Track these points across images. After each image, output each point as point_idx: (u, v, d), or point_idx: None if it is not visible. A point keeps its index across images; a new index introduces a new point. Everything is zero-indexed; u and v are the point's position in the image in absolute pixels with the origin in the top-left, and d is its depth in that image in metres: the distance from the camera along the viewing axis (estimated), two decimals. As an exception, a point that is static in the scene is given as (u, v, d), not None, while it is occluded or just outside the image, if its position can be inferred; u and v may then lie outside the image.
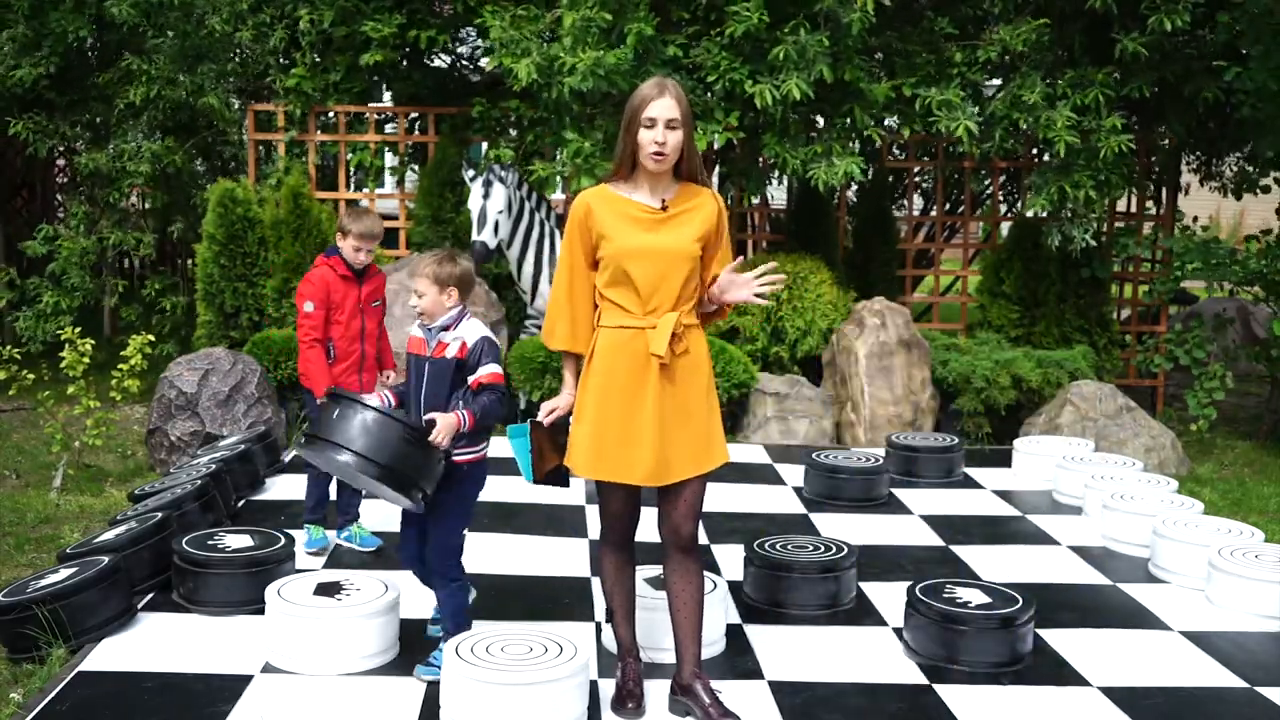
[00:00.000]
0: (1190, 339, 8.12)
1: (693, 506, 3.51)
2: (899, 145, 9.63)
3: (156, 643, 4.04)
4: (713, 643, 4.04)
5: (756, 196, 8.88)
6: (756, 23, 6.83)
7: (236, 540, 4.52)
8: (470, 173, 7.40)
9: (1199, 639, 4.38)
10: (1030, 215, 8.28)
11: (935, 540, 5.52)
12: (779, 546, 4.69)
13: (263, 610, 4.03)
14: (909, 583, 4.34)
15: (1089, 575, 5.11)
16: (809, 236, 8.70)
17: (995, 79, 8.10)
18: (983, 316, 8.70)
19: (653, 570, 4.13)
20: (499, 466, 6.54)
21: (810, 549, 4.68)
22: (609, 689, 3.70)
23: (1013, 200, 10.81)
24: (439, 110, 8.64)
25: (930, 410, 7.57)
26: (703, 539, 5.29)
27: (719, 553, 5.18)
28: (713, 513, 5.65)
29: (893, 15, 7.40)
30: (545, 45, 7.07)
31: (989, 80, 7.95)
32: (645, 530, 3.75)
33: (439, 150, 8.40)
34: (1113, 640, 4.35)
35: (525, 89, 7.15)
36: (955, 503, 6.19)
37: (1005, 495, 6.38)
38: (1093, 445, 6.89)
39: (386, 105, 9.26)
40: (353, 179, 9.73)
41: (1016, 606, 4.10)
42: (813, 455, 6.32)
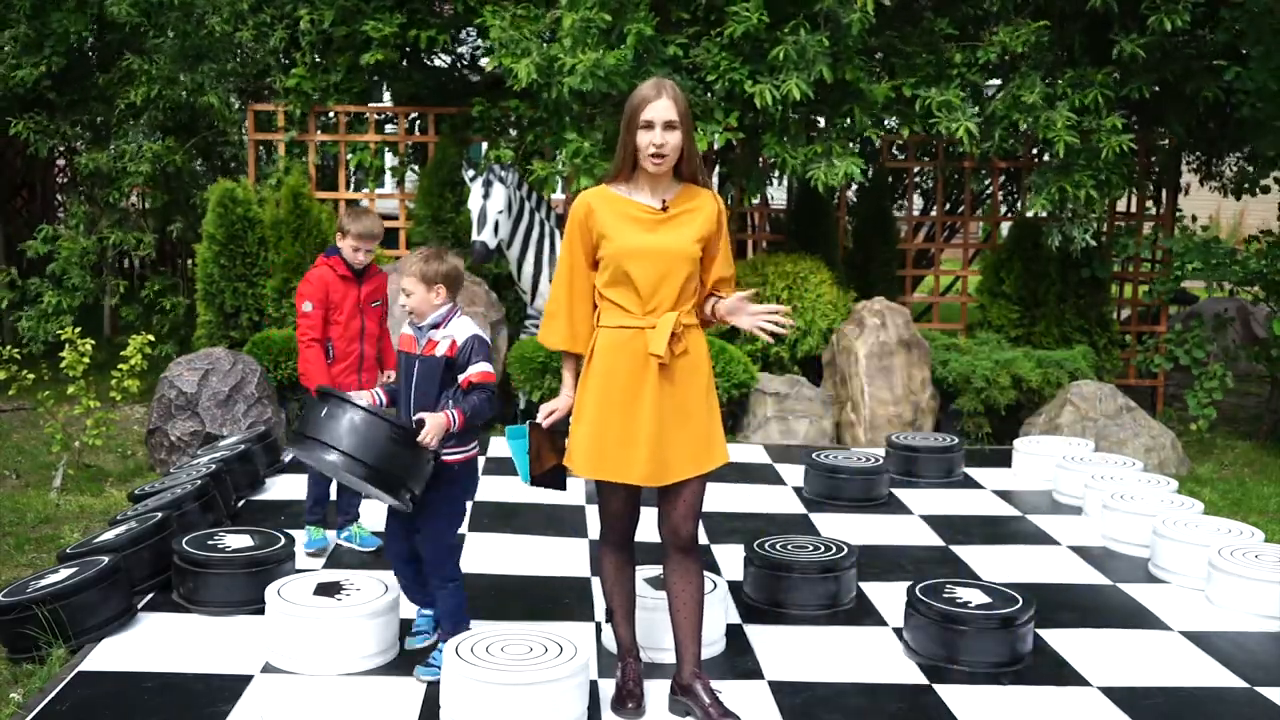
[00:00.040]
0: (1190, 339, 8.12)
1: (692, 507, 3.51)
2: (899, 145, 9.63)
3: (156, 643, 4.04)
4: (713, 643, 4.04)
5: (756, 197, 8.88)
6: (756, 23, 6.83)
7: (236, 540, 4.52)
8: (470, 173, 7.40)
9: (1199, 639, 4.38)
10: (1030, 215, 8.28)
11: (935, 540, 5.52)
12: (779, 546, 4.69)
13: (263, 610, 4.03)
14: (909, 583, 4.34)
15: (1089, 575, 5.11)
16: (809, 236, 8.70)
17: (995, 79, 8.09)
18: (983, 316, 8.69)
19: (653, 570, 4.13)
20: (499, 466, 6.56)
21: (810, 549, 4.68)
22: (609, 689, 3.70)
23: (1013, 200, 10.81)
24: (439, 110, 8.64)
25: (930, 410, 7.57)
26: (703, 539, 5.29)
27: (719, 553, 5.18)
28: (713, 513, 5.65)
29: (892, 15, 7.40)
30: (545, 45, 7.06)
31: (989, 80, 7.95)
32: (645, 530, 3.75)
33: (439, 150, 8.40)
34: (1113, 640, 4.35)
35: (525, 89, 7.15)
36: (955, 503, 6.19)
37: (1005, 495, 6.38)
38: (1093, 445, 6.89)
39: (386, 105, 9.26)
40: (353, 179, 9.73)
41: (1016, 606, 4.10)
42: (813, 455, 6.32)
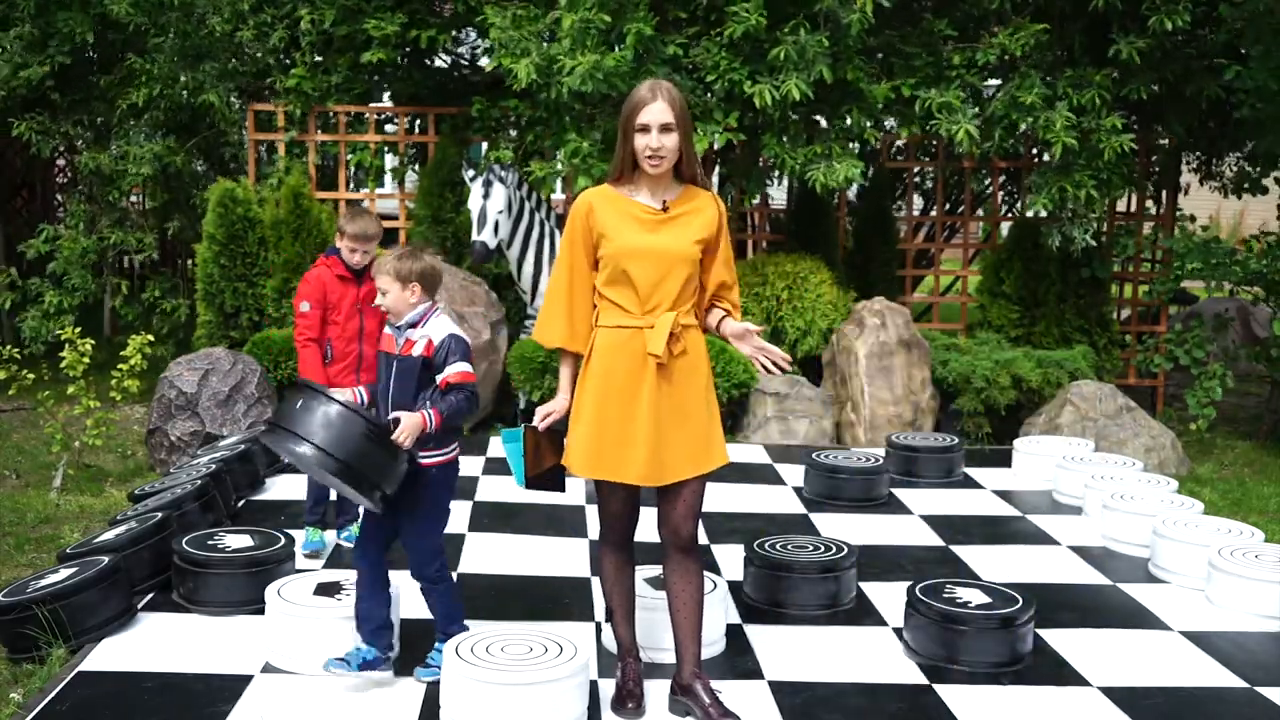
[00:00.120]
0: (1190, 339, 8.11)
1: (692, 507, 3.50)
2: (899, 146, 9.64)
3: (156, 643, 4.04)
4: (713, 643, 4.03)
5: (756, 197, 8.88)
6: (756, 23, 6.82)
7: (236, 540, 4.52)
8: (470, 173, 7.40)
9: (1199, 639, 4.38)
10: (1030, 215, 8.27)
11: (935, 540, 5.52)
12: (779, 546, 4.69)
13: (263, 610, 4.04)
14: (909, 583, 4.34)
15: (1089, 575, 5.11)
16: (809, 236, 8.69)
17: (995, 79, 8.09)
18: (983, 316, 8.69)
19: (653, 570, 4.13)
20: (499, 466, 6.56)
21: (810, 549, 4.68)
22: (609, 689, 3.70)
23: (1013, 200, 10.81)
24: (439, 110, 8.64)
25: (930, 410, 7.57)
26: (703, 539, 5.29)
27: (719, 553, 5.18)
28: (713, 513, 5.65)
29: (891, 16, 7.39)
30: (545, 46, 7.06)
31: (988, 81, 7.94)
32: (645, 530, 3.75)
33: (439, 150, 8.40)
34: (1113, 640, 4.35)
35: (525, 89, 7.15)
36: (955, 503, 6.19)
37: (1005, 495, 6.38)
38: (1093, 445, 6.89)
39: (386, 105, 9.26)
40: (353, 179, 9.73)
41: (1016, 606, 4.10)
42: (813, 455, 6.32)
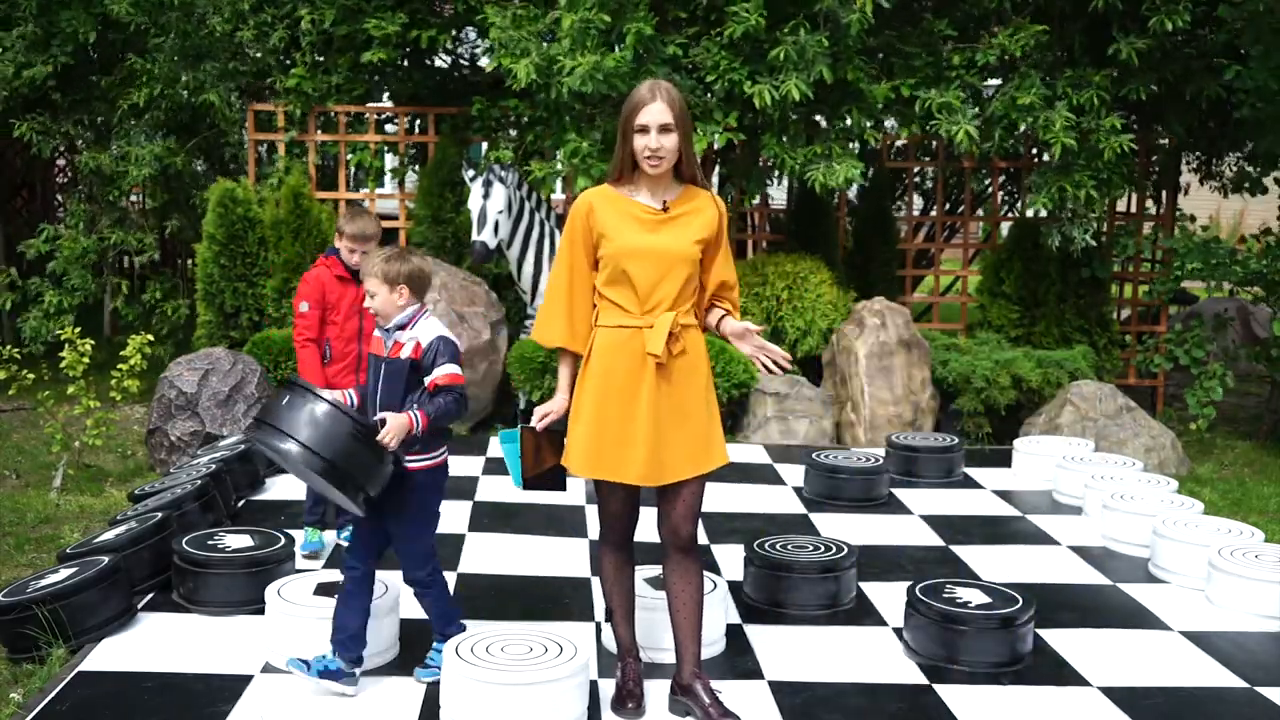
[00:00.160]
0: (1190, 339, 8.11)
1: (691, 507, 3.50)
2: (899, 146, 9.63)
3: (156, 643, 4.05)
4: (713, 643, 4.03)
5: (756, 198, 8.88)
6: (756, 23, 6.82)
7: (236, 540, 4.52)
8: (470, 173, 7.40)
9: (1199, 639, 4.38)
10: (1030, 215, 8.27)
11: (935, 540, 5.52)
12: (779, 546, 4.69)
13: (263, 610, 4.04)
14: (909, 583, 4.34)
15: (1089, 575, 5.11)
16: (809, 236, 8.69)
17: (995, 79, 8.09)
18: (983, 316, 8.69)
19: (653, 570, 4.13)
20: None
21: (810, 549, 4.68)
22: (609, 689, 3.70)
23: (1013, 200, 10.81)
24: (439, 110, 8.64)
25: (930, 410, 7.57)
26: (703, 539, 5.29)
27: (719, 553, 5.18)
28: (713, 513, 5.65)
29: (891, 16, 7.39)
30: (545, 46, 7.06)
31: (988, 81, 7.94)
32: (645, 530, 3.75)
33: (439, 150, 8.40)
34: (1113, 640, 4.35)
35: (524, 89, 7.15)
36: (955, 503, 6.19)
37: (1005, 495, 6.38)
38: (1093, 445, 6.89)
39: (386, 105, 9.26)
40: (353, 179, 9.73)
41: (1016, 606, 4.10)
42: (813, 455, 6.32)
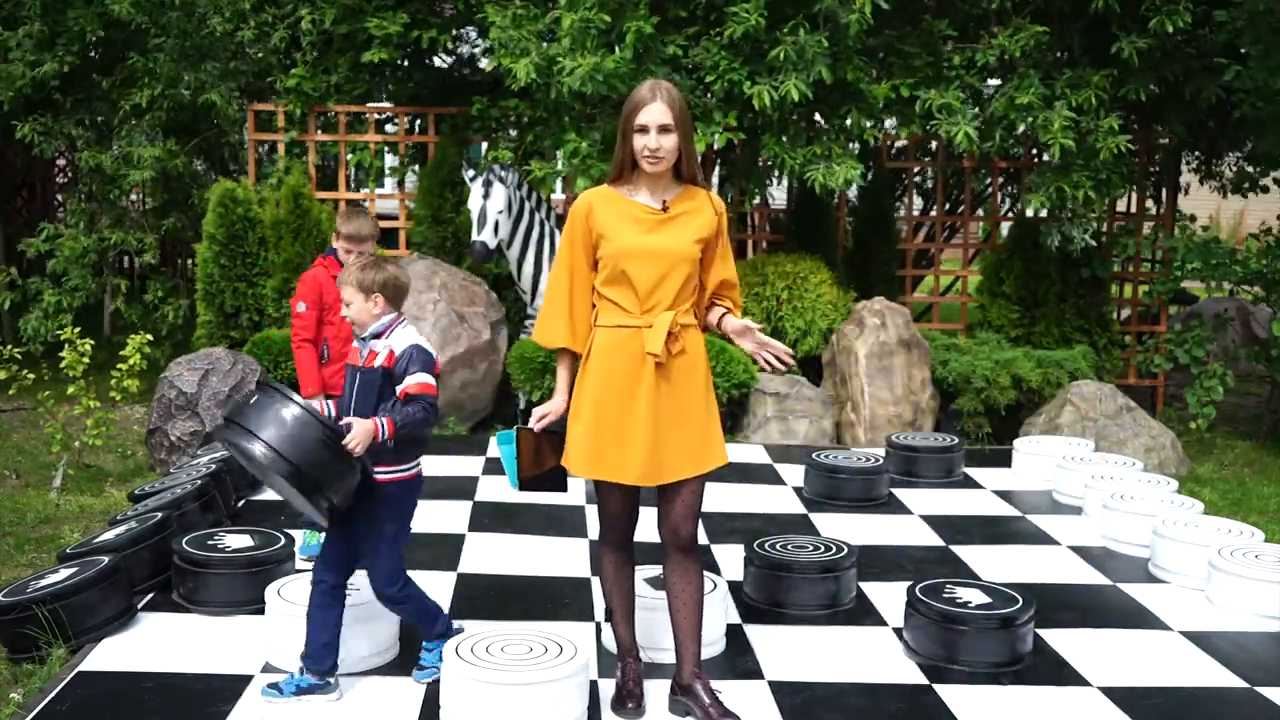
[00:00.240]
0: (1190, 339, 8.11)
1: (691, 507, 3.50)
2: (899, 146, 9.62)
3: (156, 643, 4.05)
4: (713, 643, 4.03)
5: (756, 198, 8.88)
6: (756, 23, 6.82)
7: (236, 540, 4.53)
8: (470, 173, 7.40)
9: (1199, 639, 4.38)
10: (1030, 215, 8.27)
11: (935, 540, 5.52)
12: (779, 546, 4.69)
13: (263, 610, 4.04)
14: (909, 583, 4.34)
15: (1089, 575, 5.11)
16: (809, 236, 8.69)
17: (995, 79, 8.09)
18: (983, 316, 8.69)
19: (653, 570, 4.13)
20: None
21: (810, 549, 4.68)
22: (609, 689, 3.70)
23: (1013, 200, 10.81)
24: (439, 110, 8.64)
25: (930, 410, 7.57)
26: (703, 539, 5.29)
27: (719, 553, 5.18)
28: (713, 513, 5.65)
29: (891, 16, 7.39)
30: (544, 45, 7.06)
31: (988, 81, 7.94)
32: (645, 530, 3.75)
33: (439, 150, 8.40)
34: (1113, 640, 4.35)
35: (524, 89, 7.15)
36: (955, 503, 6.19)
37: (1005, 495, 6.38)
38: (1093, 445, 6.88)
39: (386, 105, 9.26)
40: (353, 179, 9.73)
41: (1016, 606, 4.10)
42: (813, 455, 6.32)
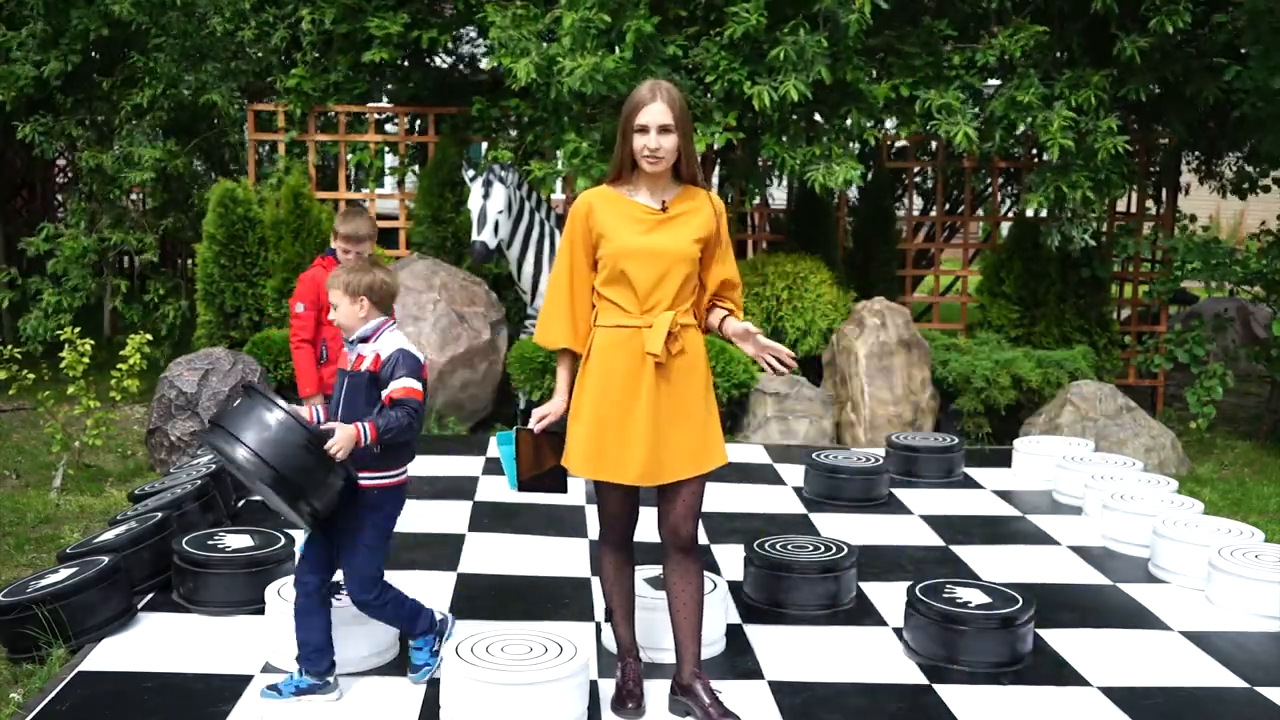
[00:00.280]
0: (1190, 339, 8.11)
1: (691, 507, 3.51)
2: (899, 146, 9.62)
3: (156, 643, 4.05)
4: (713, 643, 4.04)
5: (756, 198, 8.88)
6: (756, 23, 6.82)
7: (236, 540, 4.53)
8: (470, 173, 7.40)
9: (1199, 639, 4.38)
10: (1030, 215, 8.27)
11: (935, 540, 5.52)
12: (779, 546, 4.69)
13: (263, 610, 4.04)
14: (909, 583, 4.35)
15: (1089, 575, 5.11)
16: (809, 236, 8.69)
17: (995, 80, 8.09)
18: (983, 316, 8.69)
19: (653, 570, 4.13)
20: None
21: (810, 549, 4.68)
22: (609, 689, 3.71)
23: (1014, 200, 10.81)
24: (439, 110, 8.64)
25: (930, 410, 7.57)
26: (703, 539, 5.29)
27: (719, 553, 5.18)
28: (713, 513, 5.65)
29: (891, 16, 7.39)
30: (544, 45, 7.06)
31: (988, 81, 7.94)
32: (645, 530, 3.75)
33: (439, 150, 8.40)
34: (1113, 640, 4.35)
35: (524, 88, 7.15)
36: (955, 503, 6.19)
37: (1005, 495, 6.38)
38: (1093, 445, 6.88)
39: (386, 105, 9.26)
40: (353, 179, 9.73)
41: (1016, 606, 4.10)
42: (813, 455, 6.32)
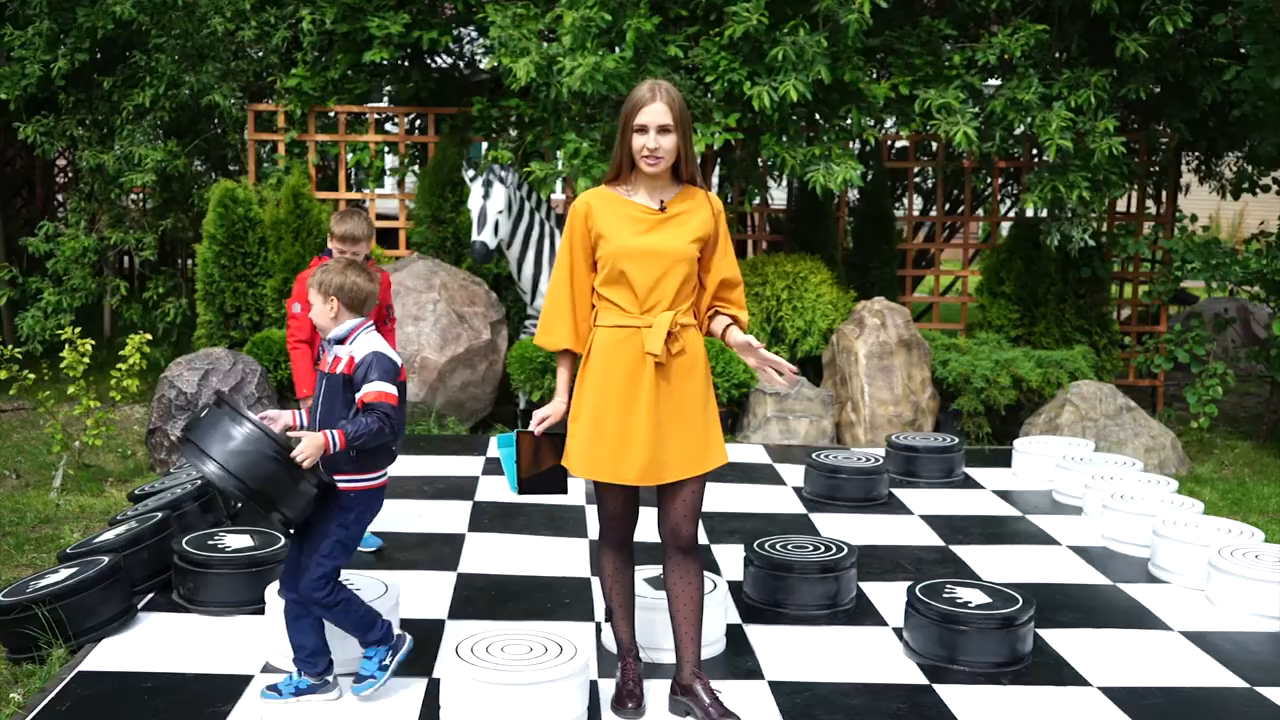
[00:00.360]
0: (1190, 339, 8.11)
1: (692, 507, 3.51)
2: (899, 146, 9.62)
3: (156, 643, 4.05)
4: (713, 643, 4.03)
5: (756, 198, 8.88)
6: (757, 23, 6.82)
7: (236, 540, 4.53)
8: (470, 173, 7.41)
9: (1199, 639, 4.38)
10: (1030, 215, 8.27)
11: (935, 540, 5.52)
12: (779, 546, 4.69)
13: (263, 610, 4.04)
14: (909, 583, 4.35)
15: (1089, 575, 5.11)
16: (809, 237, 8.70)
17: (994, 79, 8.09)
18: (983, 316, 8.69)
19: (653, 570, 4.13)
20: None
21: (810, 549, 4.68)
22: (609, 689, 3.71)
23: (1013, 200, 10.81)
24: (439, 110, 8.64)
25: (930, 410, 7.57)
26: (703, 539, 5.29)
27: (719, 553, 5.18)
28: (713, 513, 5.65)
29: (890, 16, 7.39)
30: (544, 45, 7.06)
31: (988, 81, 7.94)
32: (645, 530, 3.75)
33: (439, 150, 8.40)
34: (1113, 640, 4.35)
35: (524, 88, 7.15)
36: (955, 503, 6.19)
37: (1005, 495, 6.38)
38: (1093, 445, 6.89)
39: (386, 105, 9.26)
40: (353, 179, 9.73)
41: (1016, 606, 4.10)
42: (813, 455, 6.32)
